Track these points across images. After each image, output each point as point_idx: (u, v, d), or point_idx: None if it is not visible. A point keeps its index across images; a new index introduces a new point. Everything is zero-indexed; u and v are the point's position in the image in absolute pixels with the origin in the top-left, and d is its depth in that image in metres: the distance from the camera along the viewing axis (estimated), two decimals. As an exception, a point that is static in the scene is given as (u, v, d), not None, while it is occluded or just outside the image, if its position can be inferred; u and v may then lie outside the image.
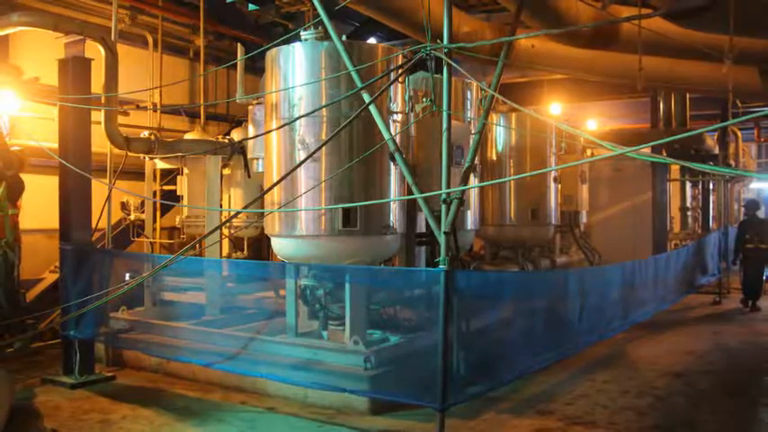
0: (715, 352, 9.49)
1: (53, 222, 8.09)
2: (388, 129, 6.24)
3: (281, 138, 7.36)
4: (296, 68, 7.32)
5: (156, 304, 9.30)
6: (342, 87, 7.01)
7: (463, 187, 6.08)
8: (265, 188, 7.62)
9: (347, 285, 6.95)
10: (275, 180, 7.23)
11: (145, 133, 9.47)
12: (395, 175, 7.44)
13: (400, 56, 7.40)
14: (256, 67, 11.88)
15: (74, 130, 7.87)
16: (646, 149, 9.48)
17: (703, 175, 16.32)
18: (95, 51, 8.03)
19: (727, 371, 8.53)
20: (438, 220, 5.63)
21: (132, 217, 10.69)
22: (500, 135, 12.09)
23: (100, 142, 8.48)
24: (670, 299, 11.50)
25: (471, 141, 7.49)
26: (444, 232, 5.56)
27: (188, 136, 11.21)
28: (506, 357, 6.61)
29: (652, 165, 14.73)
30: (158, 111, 11.76)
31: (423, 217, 7.86)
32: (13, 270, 8.69)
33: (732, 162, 17.49)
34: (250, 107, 9.50)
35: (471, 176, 7.65)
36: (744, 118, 10.59)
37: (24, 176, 9.09)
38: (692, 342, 10.05)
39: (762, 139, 23.88)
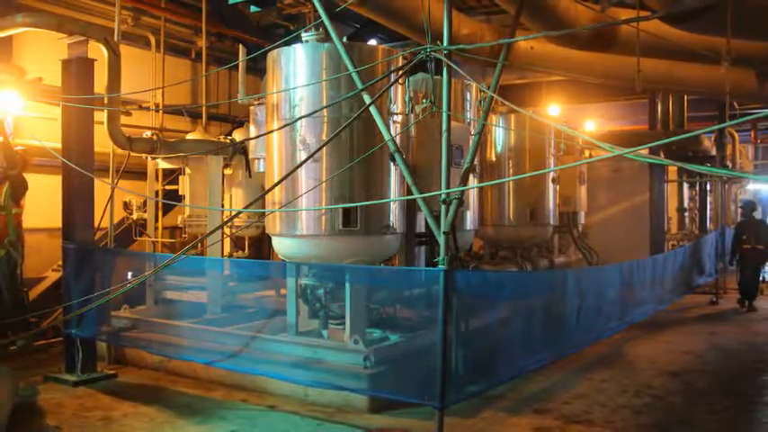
0: (712, 352, 9.50)
1: (56, 221, 8.10)
2: (388, 129, 6.24)
3: (283, 138, 7.36)
4: (297, 69, 7.33)
5: (158, 303, 9.31)
6: (342, 88, 7.01)
7: (462, 188, 6.08)
8: (266, 188, 7.62)
9: (347, 285, 6.95)
10: (276, 180, 7.23)
11: (147, 133, 9.47)
12: (395, 176, 7.44)
13: (400, 57, 7.41)
14: (258, 68, 11.89)
15: (77, 130, 7.87)
16: (644, 151, 9.49)
17: (701, 176, 16.33)
18: (98, 52, 8.04)
19: (724, 370, 8.53)
20: (437, 220, 5.63)
21: (134, 216, 10.68)
22: (499, 136, 12.09)
23: (102, 142, 8.48)
24: (667, 299, 11.51)
25: (471, 142, 7.51)
26: (444, 232, 5.56)
27: (190, 136, 11.20)
28: (505, 356, 6.61)
29: (650, 166, 14.73)
30: (160, 111, 11.76)
31: (422, 217, 7.86)
32: (16, 268, 8.69)
33: (729, 163, 17.50)
34: (251, 108, 9.50)
35: (471, 177, 7.64)
36: (741, 120, 10.67)
37: (28, 176, 9.09)
38: (689, 342, 10.06)
39: (758, 141, 23.87)
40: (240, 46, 8.40)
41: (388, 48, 8.35)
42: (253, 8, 13.18)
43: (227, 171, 10.66)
